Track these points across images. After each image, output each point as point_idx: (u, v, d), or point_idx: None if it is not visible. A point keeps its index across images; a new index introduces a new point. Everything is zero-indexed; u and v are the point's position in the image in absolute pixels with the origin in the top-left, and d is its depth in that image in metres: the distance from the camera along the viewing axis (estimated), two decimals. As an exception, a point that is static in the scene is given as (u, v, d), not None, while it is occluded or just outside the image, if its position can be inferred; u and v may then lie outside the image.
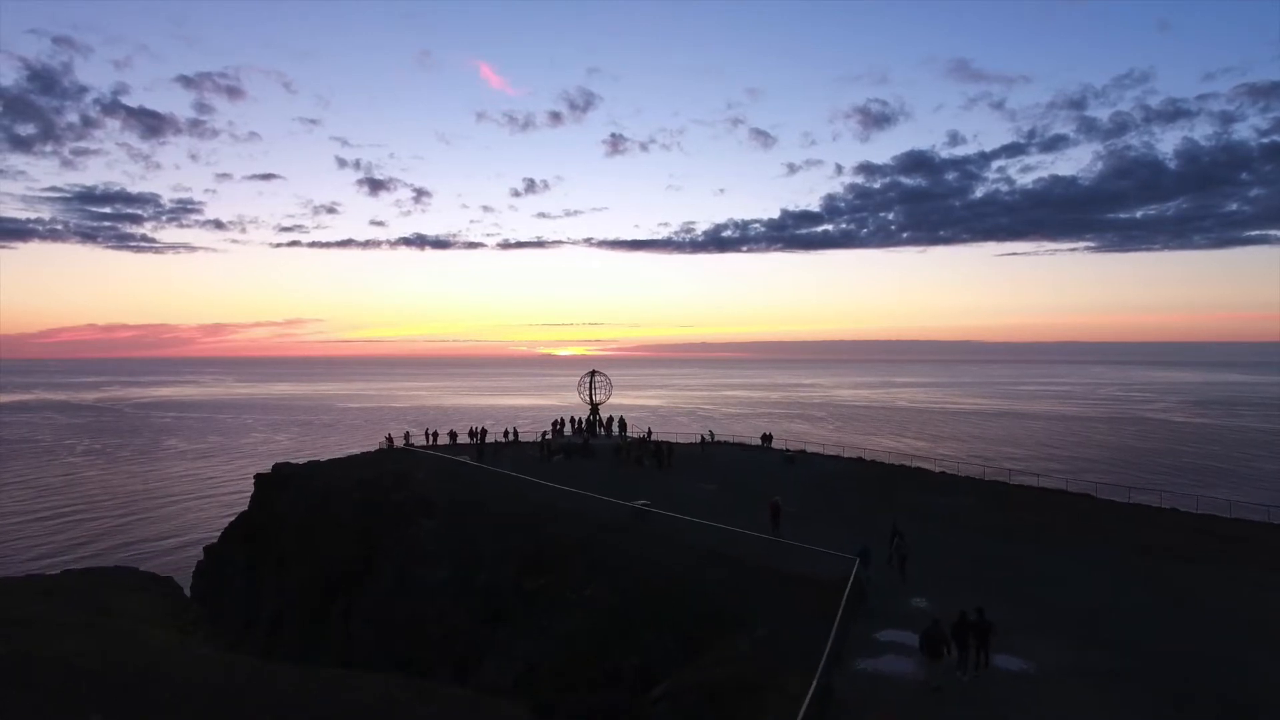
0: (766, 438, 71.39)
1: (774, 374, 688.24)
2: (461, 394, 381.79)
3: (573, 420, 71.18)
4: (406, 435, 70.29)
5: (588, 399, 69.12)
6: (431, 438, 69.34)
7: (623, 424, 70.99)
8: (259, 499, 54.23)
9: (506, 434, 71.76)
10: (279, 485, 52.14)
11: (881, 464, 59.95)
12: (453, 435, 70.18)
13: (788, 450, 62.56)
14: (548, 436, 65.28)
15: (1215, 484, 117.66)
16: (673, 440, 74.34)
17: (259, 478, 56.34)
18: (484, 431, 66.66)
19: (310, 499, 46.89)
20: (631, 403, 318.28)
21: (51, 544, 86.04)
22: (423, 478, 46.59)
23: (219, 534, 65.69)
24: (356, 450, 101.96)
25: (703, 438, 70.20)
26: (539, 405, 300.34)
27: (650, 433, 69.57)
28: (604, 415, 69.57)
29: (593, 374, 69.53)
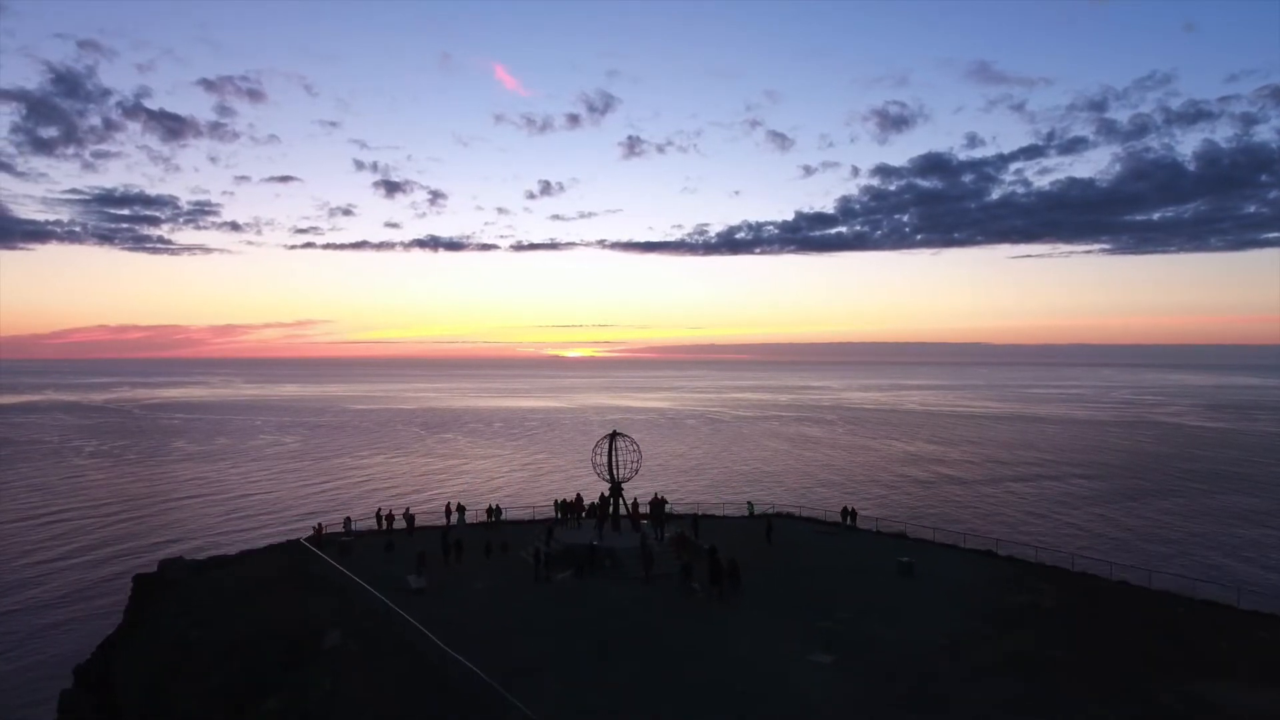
0: (849, 514, 53.89)
1: (783, 376, 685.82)
2: (468, 396, 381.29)
3: (579, 503, 52.08)
4: (347, 523, 52.01)
5: (606, 474, 47.69)
6: (386, 521, 52.18)
7: (659, 510, 49.98)
8: (132, 615, 40.05)
9: (490, 512, 54.46)
10: (158, 599, 38.09)
11: (1042, 567, 41.34)
12: (410, 520, 52.91)
13: (902, 557, 41.83)
14: (549, 536, 45.01)
15: (1236, 491, 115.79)
16: (716, 511, 58.35)
17: (138, 581, 42.10)
18: (460, 513, 50.89)
19: (171, 647, 31.58)
20: (638, 404, 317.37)
21: (45, 546, 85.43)
22: (331, 648, 28.21)
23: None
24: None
25: (769, 522, 50.76)
26: (545, 408, 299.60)
27: (697, 525, 49.11)
28: (627, 491, 49.19)
29: (613, 437, 48.40)
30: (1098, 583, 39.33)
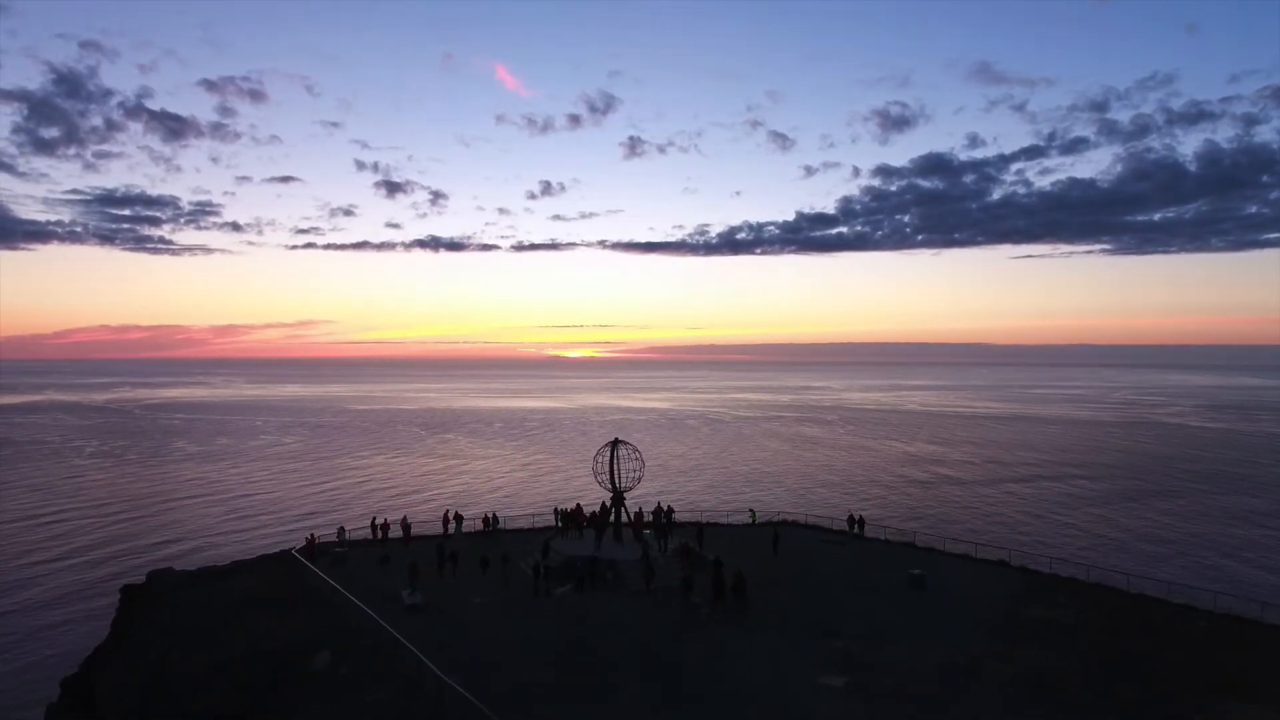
0: (856, 522, 52.75)
1: (784, 377, 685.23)
2: (469, 396, 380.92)
3: (579, 512, 49.60)
4: (340, 533, 50.56)
5: (608, 482, 45.83)
6: (381, 530, 50.69)
7: (663, 520, 48.12)
8: (119, 628, 38.96)
9: (486, 521, 53.17)
10: (144, 613, 36.76)
11: (1057, 579, 39.69)
12: (406, 529, 51.25)
13: (914, 569, 40.26)
14: (547, 548, 42.61)
15: (1240, 493, 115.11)
16: (720, 518, 57.63)
17: (126, 593, 41.12)
18: (458, 522, 50.04)
19: (153, 668, 30.02)
20: (639, 405, 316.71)
21: (45, 546, 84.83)
22: (319, 671, 26.93)
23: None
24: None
25: (775, 532, 48.42)
26: (546, 409, 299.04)
27: (701, 535, 46.92)
28: (629, 502, 46.97)
29: (615, 445, 46.48)
30: (1115, 596, 38.04)
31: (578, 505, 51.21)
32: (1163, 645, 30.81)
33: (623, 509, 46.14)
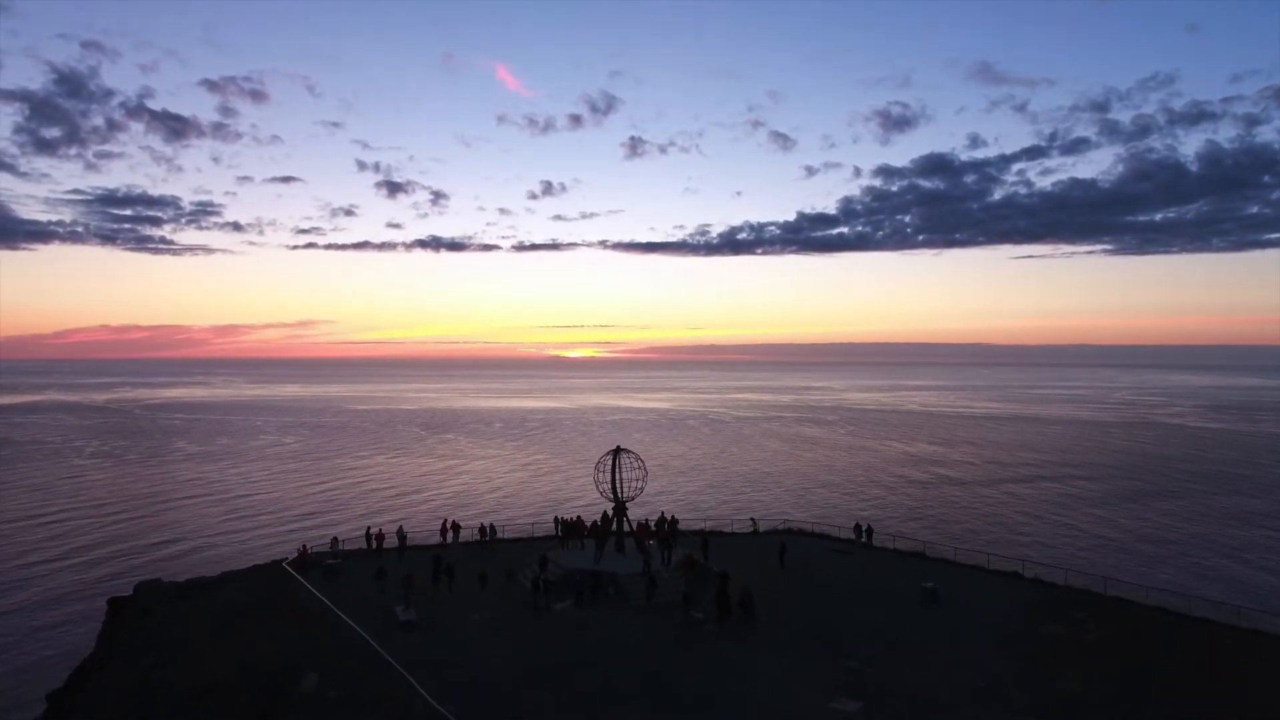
0: (864, 531, 51.73)
1: (784, 377, 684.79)
2: (469, 396, 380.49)
3: (580, 524, 48.30)
4: (334, 543, 49.52)
5: (610, 491, 44.94)
6: (376, 540, 49.32)
7: (667, 530, 46.69)
8: (105, 642, 37.89)
9: (483, 532, 51.77)
10: (129, 628, 35.70)
11: (1072, 591, 38.61)
12: (402, 538, 49.70)
13: (926, 582, 38.93)
14: (544, 561, 41.13)
15: (1239, 493, 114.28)
16: (725, 525, 57.57)
17: (113, 605, 40.17)
18: (455, 532, 49.36)
19: (134, 690, 28.85)
20: (639, 405, 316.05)
21: (45, 546, 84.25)
22: (307, 694, 25.87)
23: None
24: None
25: (782, 543, 47.22)
26: (546, 409, 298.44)
27: (706, 546, 45.08)
28: (630, 513, 45.91)
29: (617, 452, 45.65)
30: (1134, 609, 36.94)
31: (578, 517, 50.29)
32: (1187, 665, 29.80)
33: (625, 519, 45.27)
